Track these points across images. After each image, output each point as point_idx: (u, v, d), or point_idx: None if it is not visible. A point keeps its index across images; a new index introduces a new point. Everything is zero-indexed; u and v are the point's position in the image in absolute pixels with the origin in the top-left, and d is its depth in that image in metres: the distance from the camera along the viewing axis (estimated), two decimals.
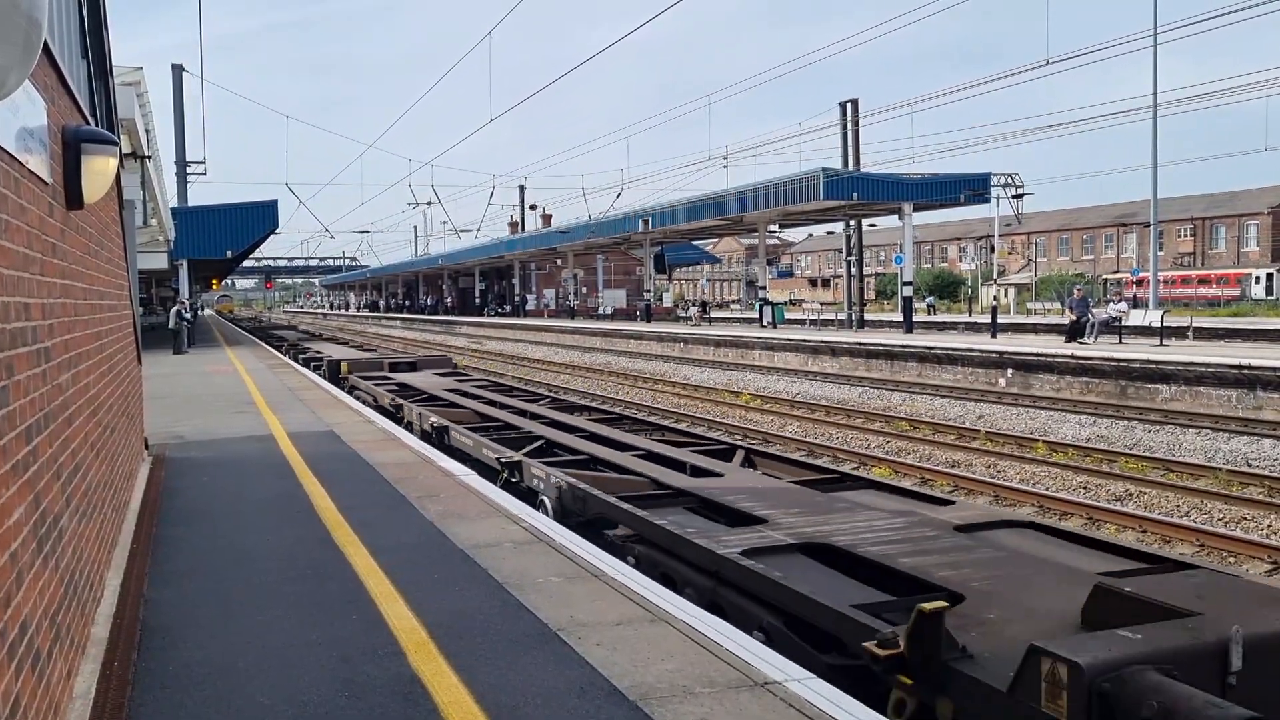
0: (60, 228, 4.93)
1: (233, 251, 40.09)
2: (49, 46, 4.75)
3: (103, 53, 9.03)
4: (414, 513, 7.71)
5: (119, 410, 7.77)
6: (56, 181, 4.91)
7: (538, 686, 4.31)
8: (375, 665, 4.59)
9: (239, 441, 11.74)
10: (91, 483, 5.58)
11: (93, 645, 4.92)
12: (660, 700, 4.14)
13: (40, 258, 4.20)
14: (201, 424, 13.42)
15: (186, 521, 7.63)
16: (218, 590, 5.83)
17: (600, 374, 29.98)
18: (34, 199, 4.13)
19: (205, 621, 5.27)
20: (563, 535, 7.01)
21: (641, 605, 5.40)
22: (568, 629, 5.02)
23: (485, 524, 7.32)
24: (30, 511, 3.64)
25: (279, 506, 8.07)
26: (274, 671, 4.54)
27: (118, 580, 6.04)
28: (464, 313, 75.73)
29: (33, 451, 3.76)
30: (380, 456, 10.35)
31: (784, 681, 4.34)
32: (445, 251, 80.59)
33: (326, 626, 5.13)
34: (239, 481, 9.24)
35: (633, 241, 53.94)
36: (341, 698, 4.23)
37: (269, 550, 6.69)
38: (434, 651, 4.74)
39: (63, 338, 4.76)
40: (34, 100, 4.17)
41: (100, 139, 5.49)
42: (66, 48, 6.30)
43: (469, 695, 4.23)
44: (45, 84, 4.68)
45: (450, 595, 5.61)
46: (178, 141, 46.62)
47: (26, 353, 3.75)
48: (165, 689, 4.38)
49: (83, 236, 5.91)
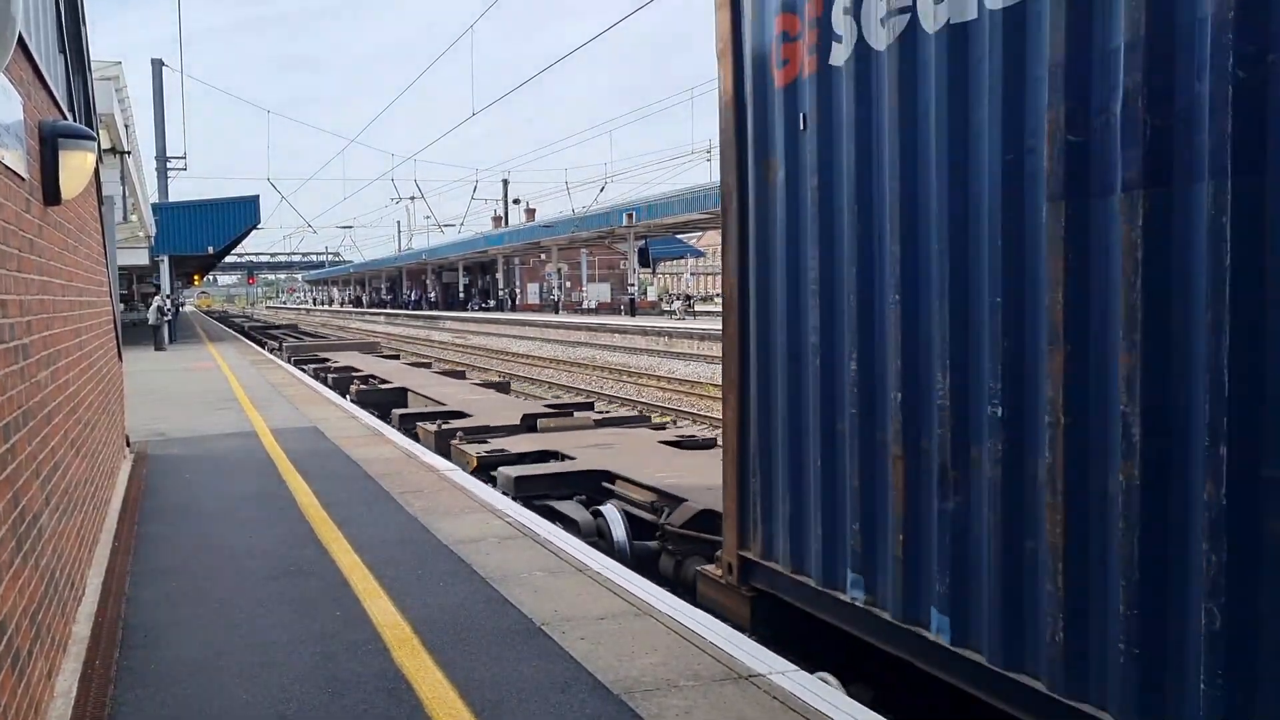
0: (38, 224, 4.89)
1: (214, 247, 39.86)
2: (24, 40, 4.71)
3: (80, 47, 8.96)
4: (398, 509, 7.70)
5: (99, 407, 7.72)
6: (33, 177, 4.87)
7: (522, 681, 4.31)
8: (359, 662, 4.58)
9: (221, 438, 11.69)
10: (72, 480, 5.55)
11: (74, 644, 4.89)
12: (644, 694, 4.15)
13: (17, 254, 4.17)
14: (183, 421, 13.35)
15: (168, 519, 7.59)
16: (200, 588, 5.81)
17: (585, 368, 29.96)
18: (10, 195, 4.09)
19: (188, 619, 5.25)
20: (547, 530, 7.01)
21: (625, 599, 5.40)
22: (551, 623, 5.02)
23: (469, 519, 7.31)
24: (9, 509, 3.62)
25: (262, 503, 8.04)
26: (257, 669, 4.53)
27: (99, 578, 6.00)
28: (448, 308, 75.52)
29: (11, 449, 3.74)
30: (364, 452, 10.32)
31: (767, 674, 4.36)
32: (429, 246, 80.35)
33: (310, 623, 5.12)
34: (221, 478, 9.20)
35: (616, 236, 53.89)
36: (325, 694, 4.22)
37: (252, 547, 6.66)
38: (418, 647, 4.73)
39: (41, 334, 4.73)
40: (9, 95, 4.13)
41: (78, 134, 5.45)
42: (43, 42, 6.25)
43: (453, 690, 4.23)
44: (21, 78, 4.64)
45: (434, 591, 5.61)
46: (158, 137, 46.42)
47: (3, 350, 3.72)
48: (147, 687, 4.36)
49: (61, 232, 5.86)
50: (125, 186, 22.02)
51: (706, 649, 4.66)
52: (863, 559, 4.60)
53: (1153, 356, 3.28)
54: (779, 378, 5.23)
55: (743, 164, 5.46)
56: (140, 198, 27.45)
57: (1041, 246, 3.65)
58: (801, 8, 4.84)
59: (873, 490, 4.55)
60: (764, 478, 5.39)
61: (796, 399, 5.08)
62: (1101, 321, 3.46)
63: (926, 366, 4.21)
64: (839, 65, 4.65)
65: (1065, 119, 3.53)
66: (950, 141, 4.02)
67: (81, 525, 5.85)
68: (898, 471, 4.36)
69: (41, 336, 4.74)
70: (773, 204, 5.23)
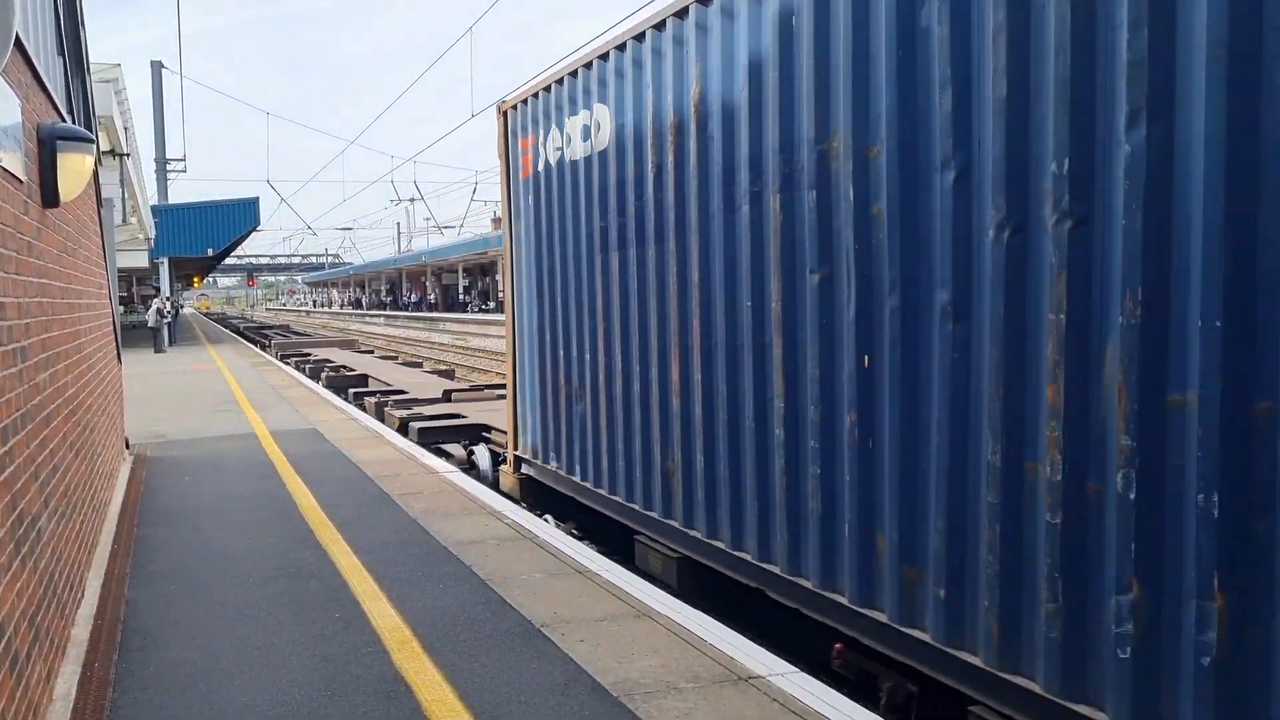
0: (36, 226, 4.89)
1: (214, 249, 39.86)
2: (23, 43, 4.70)
3: (79, 49, 8.96)
4: (397, 510, 7.69)
5: (98, 410, 7.72)
6: (32, 179, 4.87)
7: (521, 683, 4.31)
8: (358, 664, 4.57)
9: (221, 440, 11.68)
10: (71, 483, 5.54)
11: (73, 647, 4.88)
12: (644, 696, 4.14)
13: (15, 256, 4.16)
14: (183, 423, 13.35)
15: (168, 521, 7.58)
16: (200, 590, 5.80)
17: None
18: (8, 197, 4.09)
19: (187, 622, 5.25)
20: (547, 532, 7.00)
21: (625, 601, 5.40)
22: (551, 625, 5.01)
23: (468, 521, 7.30)
24: (7, 512, 3.61)
25: (261, 505, 8.03)
26: (256, 672, 4.52)
27: (98, 581, 6.00)
28: (448, 309, 75.48)
29: (9, 452, 3.73)
30: (363, 454, 10.31)
31: (768, 676, 4.35)
32: (429, 248, 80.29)
33: (309, 626, 5.11)
34: (221, 481, 9.19)
35: None
36: (324, 697, 4.21)
37: (251, 550, 6.66)
38: (417, 649, 4.73)
39: (40, 337, 4.72)
40: (7, 97, 4.13)
41: (76, 136, 5.45)
42: (41, 44, 6.25)
43: (452, 693, 4.22)
44: (19, 80, 4.64)
45: (433, 593, 5.60)
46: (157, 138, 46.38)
47: (1, 352, 3.71)
48: (146, 690, 4.36)
49: (59, 235, 5.86)
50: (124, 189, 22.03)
51: (706, 650, 4.65)
52: (555, 447, 8.40)
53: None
54: (525, 352, 9.04)
55: (511, 218, 9.11)
56: (139, 200, 27.45)
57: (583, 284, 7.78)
58: (529, 136, 8.49)
59: (557, 413, 8.30)
60: (522, 407, 9.19)
61: (534, 363, 8.79)
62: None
63: (579, 340, 7.79)
64: (541, 170, 8.30)
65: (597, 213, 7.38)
66: (560, 221, 7.97)
67: (81, 528, 5.85)
68: (563, 398, 8.13)
69: (40, 339, 4.73)
70: (519, 245, 9.00)
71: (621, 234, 6.86)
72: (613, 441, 7.23)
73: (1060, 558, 3.70)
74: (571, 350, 7.89)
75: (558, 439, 8.24)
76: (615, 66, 6.78)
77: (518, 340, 9.13)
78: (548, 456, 8.49)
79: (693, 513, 6.22)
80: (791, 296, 5.19)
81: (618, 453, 7.15)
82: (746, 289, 5.53)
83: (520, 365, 9.12)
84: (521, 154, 8.67)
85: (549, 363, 8.34)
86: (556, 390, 8.23)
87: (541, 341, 8.47)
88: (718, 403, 5.86)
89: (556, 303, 8.08)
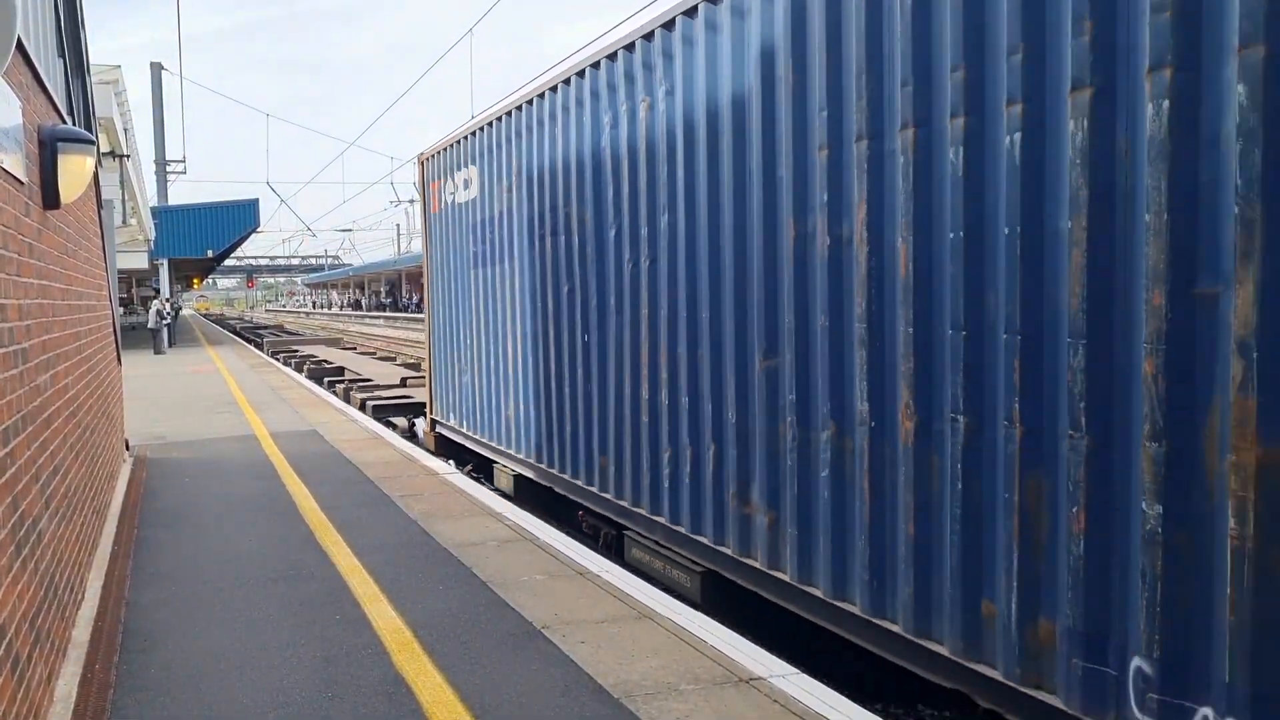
0: (37, 227, 4.89)
1: (213, 250, 39.80)
2: (23, 44, 4.70)
3: (80, 51, 8.96)
4: (397, 512, 7.69)
5: (99, 411, 7.71)
6: (33, 181, 4.87)
7: (522, 685, 4.31)
8: (358, 666, 4.57)
9: (221, 442, 11.68)
10: (71, 485, 5.54)
11: (74, 648, 4.88)
12: (645, 697, 4.14)
13: (16, 258, 4.16)
14: (183, 424, 13.34)
15: (168, 523, 7.58)
16: (200, 592, 5.80)
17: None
18: (9, 199, 4.09)
19: (187, 623, 5.24)
20: (547, 533, 7.00)
21: (626, 602, 5.39)
22: (552, 627, 5.01)
23: (469, 522, 7.30)
24: (8, 514, 3.61)
25: (261, 507, 8.03)
26: (257, 673, 4.52)
27: (99, 583, 5.99)
28: None
29: (9, 454, 3.73)
30: (364, 456, 10.31)
31: (769, 678, 4.35)
32: None
33: (309, 628, 5.11)
34: (221, 482, 9.19)
35: None
36: (324, 699, 4.21)
37: (251, 551, 6.65)
38: (418, 651, 4.73)
39: (40, 338, 4.72)
40: (8, 99, 4.13)
41: (77, 138, 5.45)
42: (42, 46, 6.25)
43: (453, 694, 4.22)
44: (20, 82, 4.64)
45: (434, 594, 5.60)
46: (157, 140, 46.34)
47: (2, 354, 3.71)
48: (147, 691, 4.35)
49: (60, 236, 5.86)
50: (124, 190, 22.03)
51: (707, 652, 4.65)
52: (454, 409, 11.53)
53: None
54: (436, 342, 12.17)
55: (427, 242, 12.32)
56: (139, 201, 27.45)
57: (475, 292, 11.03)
58: (435, 182, 11.68)
59: (461, 388, 11.17)
60: (436, 384, 12.32)
61: (440, 349, 12.03)
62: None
63: (464, 330, 11.05)
64: (443, 209, 11.49)
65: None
66: (453, 244, 11.32)
67: (81, 529, 5.84)
68: (455, 373, 11.37)
69: (40, 340, 4.73)
70: (433, 260, 12.14)
71: (483, 256, 10.21)
72: (484, 402, 10.47)
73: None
74: (459, 337, 11.18)
75: (456, 403, 11.52)
76: (484, 143, 10.08)
77: (432, 333, 12.36)
78: (448, 416, 11.88)
79: (520, 443, 9.51)
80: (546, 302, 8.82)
81: (489, 408, 10.36)
82: (537, 292, 8.83)
83: (434, 352, 12.40)
84: (432, 195, 12.04)
85: (449, 347, 11.66)
86: (452, 368, 11.56)
87: (444, 332, 11.84)
88: (539, 371, 8.83)
89: (451, 304, 11.48)
